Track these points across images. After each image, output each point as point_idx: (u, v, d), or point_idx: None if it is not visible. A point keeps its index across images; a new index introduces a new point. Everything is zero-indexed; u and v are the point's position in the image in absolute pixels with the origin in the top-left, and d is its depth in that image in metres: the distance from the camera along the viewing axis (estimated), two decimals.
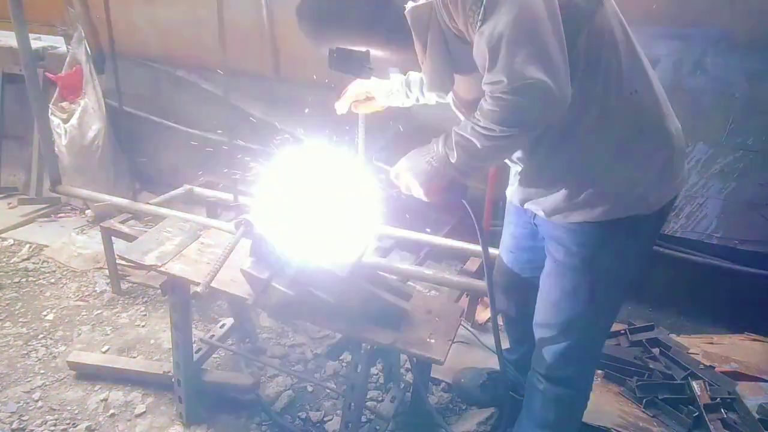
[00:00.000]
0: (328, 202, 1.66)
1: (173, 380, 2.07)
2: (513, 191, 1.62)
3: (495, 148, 1.29)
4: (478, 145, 1.27)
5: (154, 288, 2.94)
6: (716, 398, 2.21)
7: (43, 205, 3.81)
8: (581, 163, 1.40)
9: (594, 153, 1.39)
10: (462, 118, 1.47)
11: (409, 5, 1.30)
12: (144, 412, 2.16)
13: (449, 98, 1.51)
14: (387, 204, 1.68)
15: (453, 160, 1.34)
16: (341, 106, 1.92)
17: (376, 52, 1.43)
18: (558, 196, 1.45)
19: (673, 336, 2.69)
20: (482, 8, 1.14)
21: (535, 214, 1.58)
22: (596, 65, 1.28)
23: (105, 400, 2.21)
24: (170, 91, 3.70)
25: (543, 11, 1.14)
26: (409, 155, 1.47)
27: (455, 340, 1.75)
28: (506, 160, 1.59)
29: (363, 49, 1.41)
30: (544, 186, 1.48)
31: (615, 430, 2.08)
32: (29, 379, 2.31)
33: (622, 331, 2.63)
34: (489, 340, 2.63)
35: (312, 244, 1.60)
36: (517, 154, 1.48)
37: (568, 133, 1.36)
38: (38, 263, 3.17)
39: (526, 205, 1.58)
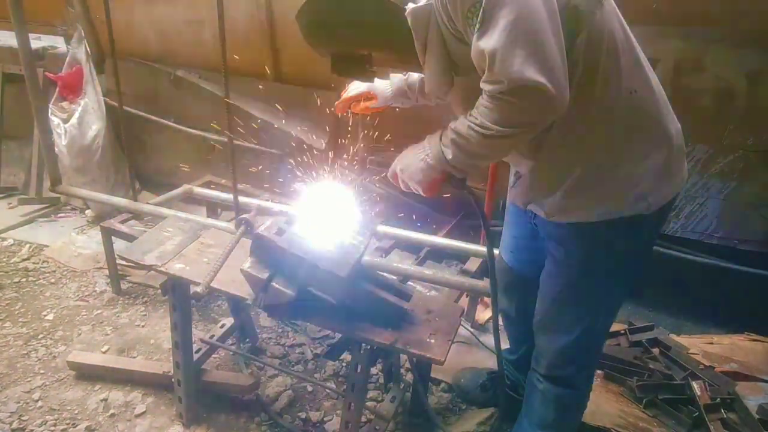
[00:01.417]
0: (331, 207, 1.66)
1: (173, 380, 2.07)
2: (515, 193, 1.62)
3: (491, 147, 1.29)
4: (475, 144, 1.28)
5: (154, 288, 2.94)
6: (716, 398, 2.21)
7: (43, 205, 3.81)
8: (581, 163, 1.40)
9: (593, 153, 1.39)
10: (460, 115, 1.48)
11: (410, 7, 1.30)
12: (144, 412, 2.16)
13: (449, 99, 1.51)
14: (391, 206, 1.69)
15: (449, 157, 1.35)
16: (341, 107, 1.92)
17: (378, 55, 1.43)
18: (558, 196, 1.45)
19: (673, 336, 2.69)
20: (481, 10, 1.15)
21: (535, 215, 1.58)
22: (596, 65, 1.28)
23: (105, 400, 2.21)
24: (170, 91, 3.70)
25: (543, 13, 1.14)
26: (404, 154, 1.48)
27: (455, 340, 1.75)
28: (508, 162, 1.59)
29: (365, 52, 1.42)
30: (546, 187, 1.48)
31: (615, 430, 2.08)
32: (29, 379, 2.31)
33: (622, 331, 2.63)
34: (489, 340, 2.63)
35: (319, 245, 1.61)
36: (520, 155, 1.49)
37: (567, 134, 1.36)
38: (38, 263, 3.17)
39: (528, 207, 1.58)
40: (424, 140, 1.43)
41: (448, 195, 1.48)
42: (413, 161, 1.43)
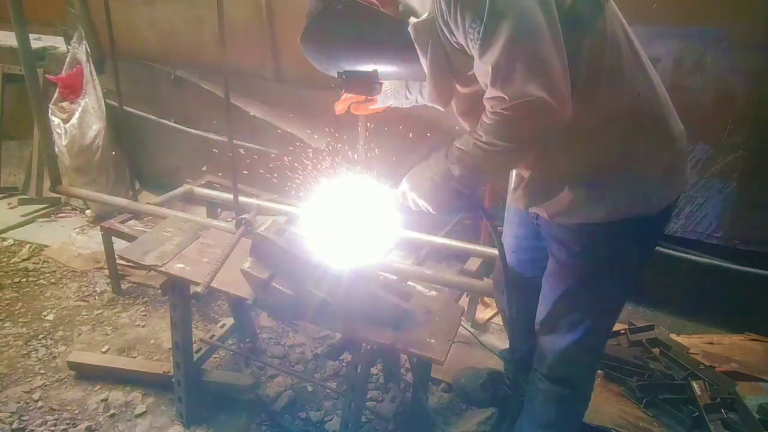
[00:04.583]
0: (332, 206, 1.66)
1: (173, 380, 2.07)
2: (517, 196, 1.61)
3: (498, 162, 1.30)
4: (481, 160, 1.29)
5: (154, 288, 2.94)
6: (716, 398, 2.21)
7: (43, 205, 3.81)
8: (585, 166, 1.40)
9: (598, 156, 1.38)
10: (466, 126, 1.48)
11: (412, 21, 1.30)
12: (144, 412, 2.16)
13: (452, 104, 1.51)
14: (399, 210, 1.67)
15: (456, 174, 1.35)
16: (340, 107, 1.92)
17: (384, 68, 1.43)
18: (561, 198, 1.44)
19: (673, 336, 2.69)
20: (482, 26, 1.14)
21: (538, 215, 1.58)
22: (599, 69, 1.28)
23: (105, 400, 2.21)
24: (170, 91, 3.70)
25: (543, 26, 1.14)
26: (411, 174, 1.49)
27: (455, 340, 1.75)
28: None
29: (371, 68, 1.42)
30: (549, 190, 1.47)
31: (615, 430, 2.08)
32: (29, 379, 2.31)
33: (622, 331, 2.63)
34: (489, 340, 2.63)
35: (319, 245, 1.61)
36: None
37: (572, 137, 1.35)
38: (38, 263, 3.17)
39: (530, 209, 1.58)
40: (430, 159, 1.44)
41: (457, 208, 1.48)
42: (421, 181, 1.44)
